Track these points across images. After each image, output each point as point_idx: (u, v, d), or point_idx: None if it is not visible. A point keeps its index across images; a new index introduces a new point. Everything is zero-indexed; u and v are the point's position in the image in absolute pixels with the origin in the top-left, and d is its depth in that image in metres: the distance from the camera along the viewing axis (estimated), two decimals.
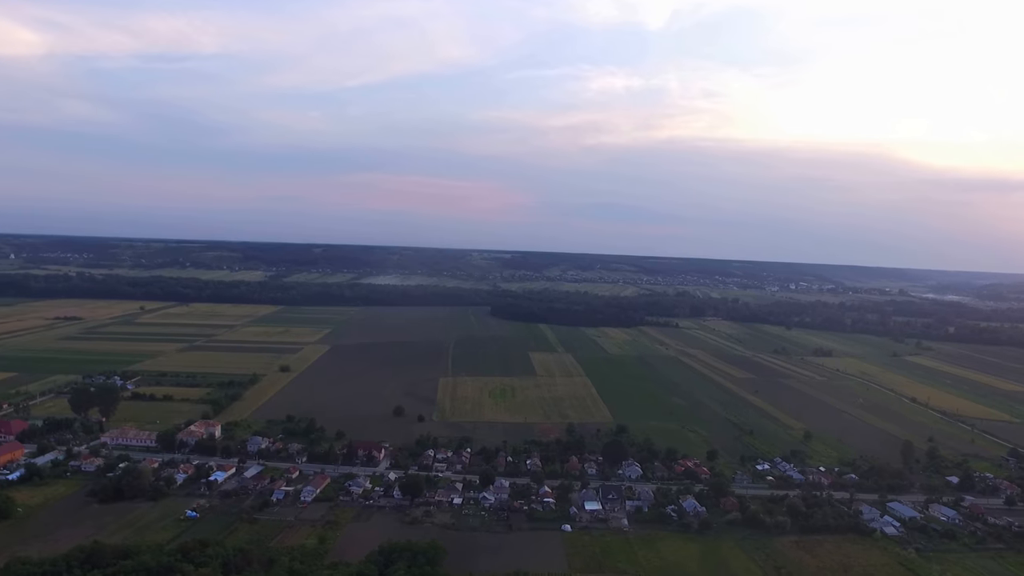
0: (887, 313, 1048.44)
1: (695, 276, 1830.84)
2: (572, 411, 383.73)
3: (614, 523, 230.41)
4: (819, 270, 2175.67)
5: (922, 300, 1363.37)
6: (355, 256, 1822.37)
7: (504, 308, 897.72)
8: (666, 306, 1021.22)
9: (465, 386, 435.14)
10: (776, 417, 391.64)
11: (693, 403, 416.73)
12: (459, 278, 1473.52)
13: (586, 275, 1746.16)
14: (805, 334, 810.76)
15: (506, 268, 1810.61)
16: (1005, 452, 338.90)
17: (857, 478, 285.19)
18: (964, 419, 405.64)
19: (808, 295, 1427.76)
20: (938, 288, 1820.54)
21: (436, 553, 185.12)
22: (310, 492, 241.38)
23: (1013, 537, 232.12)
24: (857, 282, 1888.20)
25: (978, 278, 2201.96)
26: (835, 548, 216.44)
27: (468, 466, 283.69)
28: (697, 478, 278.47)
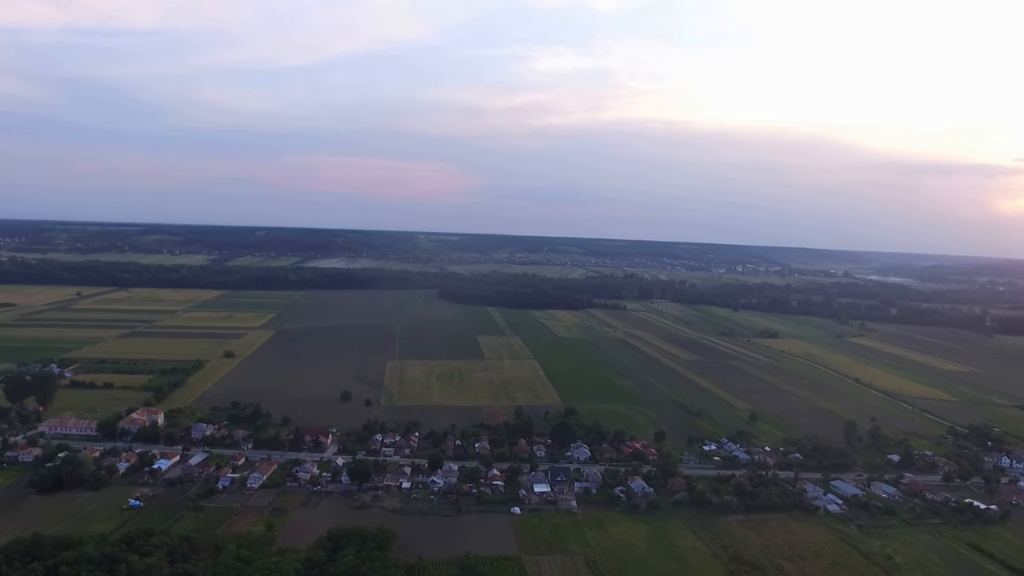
0: (832, 295, 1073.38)
1: (643, 258, 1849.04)
2: (520, 394, 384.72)
3: (563, 505, 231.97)
4: (766, 252, 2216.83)
5: (866, 282, 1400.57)
6: (299, 239, 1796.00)
7: (451, 291, 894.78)
8: (614, 288, 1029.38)
9: (413, 370, 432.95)
10: (723, 398, 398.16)
11: (641, 385, 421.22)
12: (406, 261, 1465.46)
13: (534, 257, 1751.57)
14: (751, 316, 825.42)
15: (453, 251, 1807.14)
16: (944, 430, 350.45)
17: (802, 457, 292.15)
18: (905, 399, 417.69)
19: (755, 277, 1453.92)
20: (882, 270, 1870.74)
21: (385, 537, 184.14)
22: (257, 479, 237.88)
23: (950, 512, 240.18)
24: (803, 264, 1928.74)
25: (920, 260, 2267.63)
26: (780, 526, 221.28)
27: (416, 450, 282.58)
28: (645, 459, 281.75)
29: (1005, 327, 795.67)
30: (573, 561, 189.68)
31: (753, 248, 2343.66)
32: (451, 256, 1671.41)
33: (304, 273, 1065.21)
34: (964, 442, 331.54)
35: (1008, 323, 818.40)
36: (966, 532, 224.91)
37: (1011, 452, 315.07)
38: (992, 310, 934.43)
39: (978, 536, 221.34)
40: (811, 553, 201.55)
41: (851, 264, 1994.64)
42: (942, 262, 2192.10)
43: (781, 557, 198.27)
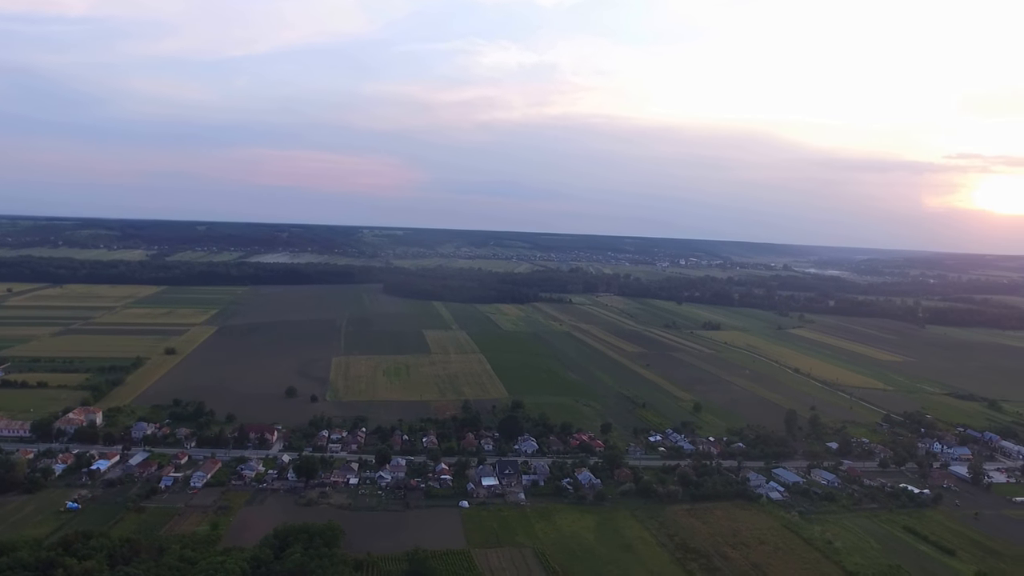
0: (772, 288, 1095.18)
1: (588, 252, 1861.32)
2: (468, 388, 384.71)
3: (511, 497, 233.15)
4: (708, 246, 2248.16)
5: (805, 275, 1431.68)
6: (242, 234, 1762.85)
7: (397, 286, 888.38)
8: (559, 282, 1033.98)
9: (359, 365, 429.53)
10: (667, 390, 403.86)
11: (587, 378, 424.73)
12: (350, 256, 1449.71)
13: (480, 252, 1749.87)
14: (695, 308, 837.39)
15: (399, 245, 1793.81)
16: (879, 418, 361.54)
17: (744, 447, 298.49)
18: (843, 388, 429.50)
19: (697, 270, 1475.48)
20: (820, 263, 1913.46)
21: (333, 534, 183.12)
22: (200, 477, 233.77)
23: (886, 497, 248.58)
24: (744, 257, 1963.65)
25: (857, 254, 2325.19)
26: (724, 514, 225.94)
27: (364, 446, 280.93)
28: (592, 451, 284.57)
29: (936, 318, 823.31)
30: (522, 554, 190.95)
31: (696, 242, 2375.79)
32: (396, 251, 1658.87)
33: (247, 268, 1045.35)
34: (899, 429, 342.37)
35: (938, 314, 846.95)
36: (901, 516, 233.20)
37: (942, 438, 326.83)
38: (924, 302, 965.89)
39: (912, 519, 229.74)
40: (754, 540, 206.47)
41: (790, 257, 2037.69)
42: (877, 255, 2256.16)
43: (726, 544, 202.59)
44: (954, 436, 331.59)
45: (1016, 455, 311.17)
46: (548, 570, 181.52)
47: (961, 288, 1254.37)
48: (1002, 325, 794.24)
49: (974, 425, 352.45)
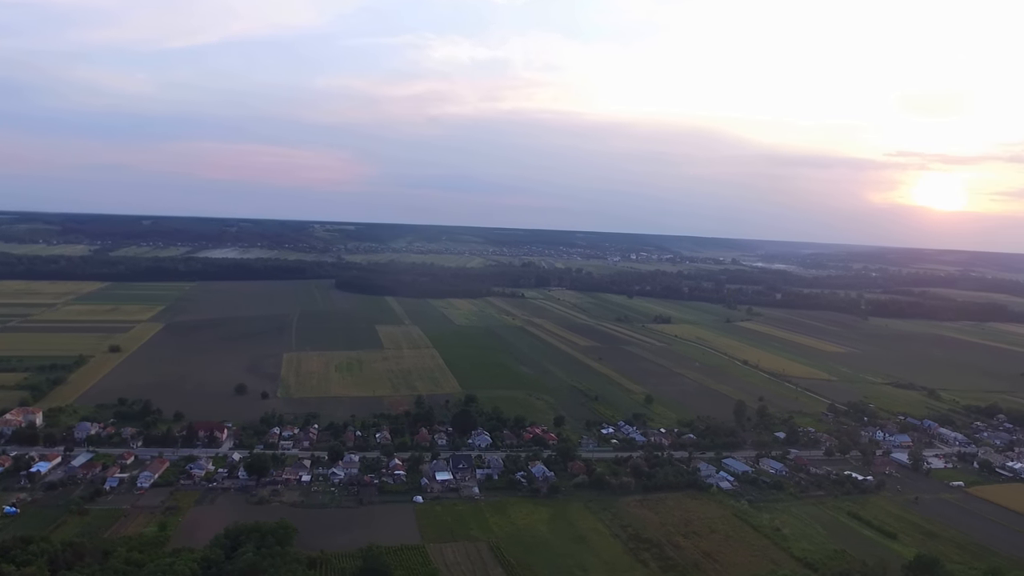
0: (721, 281, 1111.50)
1: (540, 247, 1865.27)
2: (420, 383, 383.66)
3: (465, 492, 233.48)
4: (658, 240, 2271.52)
5: (752, 269, 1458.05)
6: (189, 228, 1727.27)
7: (349, 281, 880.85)
8: (512, 276, 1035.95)
9: (310, 361, 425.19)
10: (619, 382, 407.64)
11: (540, 371, 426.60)
12: (301, 251, 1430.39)
13: (432, 246, 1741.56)
14: (646, 302, 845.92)
15: (350, 240, 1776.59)
16: (825, 408, 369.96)
17: (695, 437, 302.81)
18: (790, 379, 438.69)
19: (648, 265, 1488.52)
20: (767, 257, 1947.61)
21: (286, 532, 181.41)
22: (147, 478, 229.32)
23: (831, 484, 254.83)
24: (693, 252, 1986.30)
25: (802, 248, 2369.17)
26: (676, 504, 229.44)
27: (316, 442, 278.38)
28: (545, 444, 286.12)
29: (878, 310, 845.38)
30: (477, 548, 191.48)
31: (646, 236, 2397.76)
32: (348, 245, 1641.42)
33: (195, 264, 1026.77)
34: (843, 418, 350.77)
35: (880, 306, 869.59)
36: (846, 502, 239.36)
37: (884, 426, 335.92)
38: (866, 294, 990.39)
39: (856, 505, 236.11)
40: (705, 529, 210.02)
41: (738, 252, 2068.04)
42: (821, 250, 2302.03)
43: (677, 534, 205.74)
44: (895, 424, 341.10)
45: (953, 441, 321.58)
46: (503, 563, 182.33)
47: (902, 281, 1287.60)
48: (940, 317, 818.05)
49: (914, 413, 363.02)
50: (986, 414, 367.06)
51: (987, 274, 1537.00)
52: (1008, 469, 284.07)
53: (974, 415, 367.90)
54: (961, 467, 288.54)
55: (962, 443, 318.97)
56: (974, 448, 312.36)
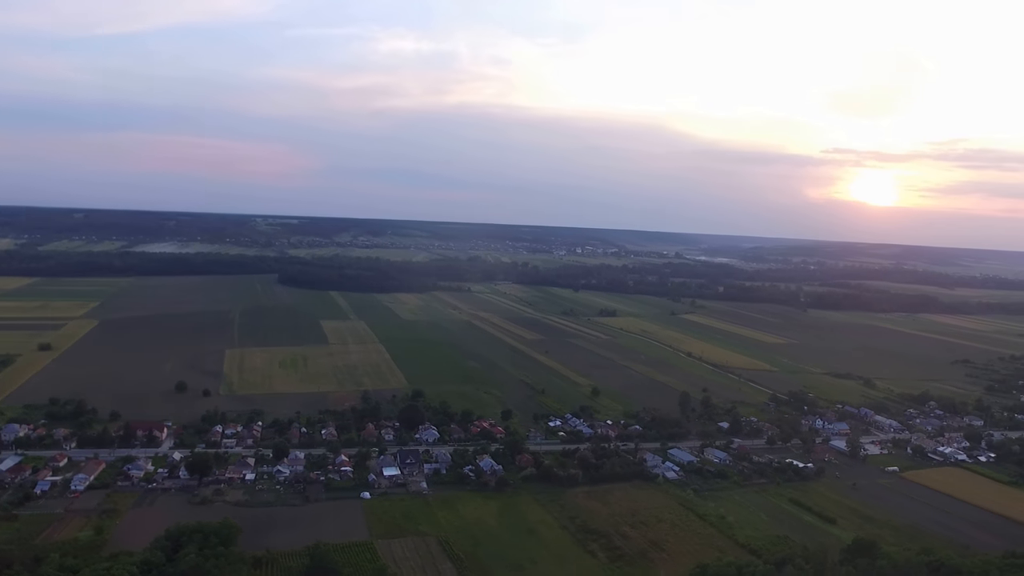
0: (665, 275, 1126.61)
1: (486, 241, 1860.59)
2: (367, 378, 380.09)
3: (413, 487, 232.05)
4: (603, 234, 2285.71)
5: (696, 262, 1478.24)
6: (125, 222, 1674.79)
7: (293, 275, 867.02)
8: (458, 271, 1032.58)
9: (253, 357, 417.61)
10: (566, 375, 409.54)
11: (487, 365, 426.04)
12: (243, 245, 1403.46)
13: (378, 241, 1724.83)
14: (591, 296, 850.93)
15: (294, 234, 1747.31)
16: (766, 398, 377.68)
17: (641, 429, 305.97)
18: (732, 370, 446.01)
19: (593, 258, 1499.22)
20: (709, 251, 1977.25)
21: (230, 531, 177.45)
22: (82, 480, 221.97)
23: (773, 472, 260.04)
24: (638, 246, 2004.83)
25: (743, 242, 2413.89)
26: (623, 495, 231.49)
27: (260, 440, 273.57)
28: (493, 437, 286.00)
29: (816, 302, 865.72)
30: (426, 542, 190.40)
31: (592, 230, 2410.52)
32: (291, 240, 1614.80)
33: (131, 258, 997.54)
34: (784, 408, 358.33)
35: (819, 298, 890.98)
36: (788, 489, 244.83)
37: (823, 415, 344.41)
38: (805, 287, 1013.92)
39: (798, 492, 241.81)
40: (652, 518, 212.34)
41: (682, 245, 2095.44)
42: (762, 243, 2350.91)
43: (625, 524, 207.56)
44: (834, 413, 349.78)
45: (888, 428, 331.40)
46: (452, 557, 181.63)
47: (839, 274, 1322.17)
48: (874, 308, 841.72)
49: (851, 402, 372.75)
50: (918, 401, 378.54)
51: (918, 267, 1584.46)
52: (939, 454, 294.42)
53: (907, 403, 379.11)
54: (896, 453, 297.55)
55: (896, 430, 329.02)
56: (907, 434, 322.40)
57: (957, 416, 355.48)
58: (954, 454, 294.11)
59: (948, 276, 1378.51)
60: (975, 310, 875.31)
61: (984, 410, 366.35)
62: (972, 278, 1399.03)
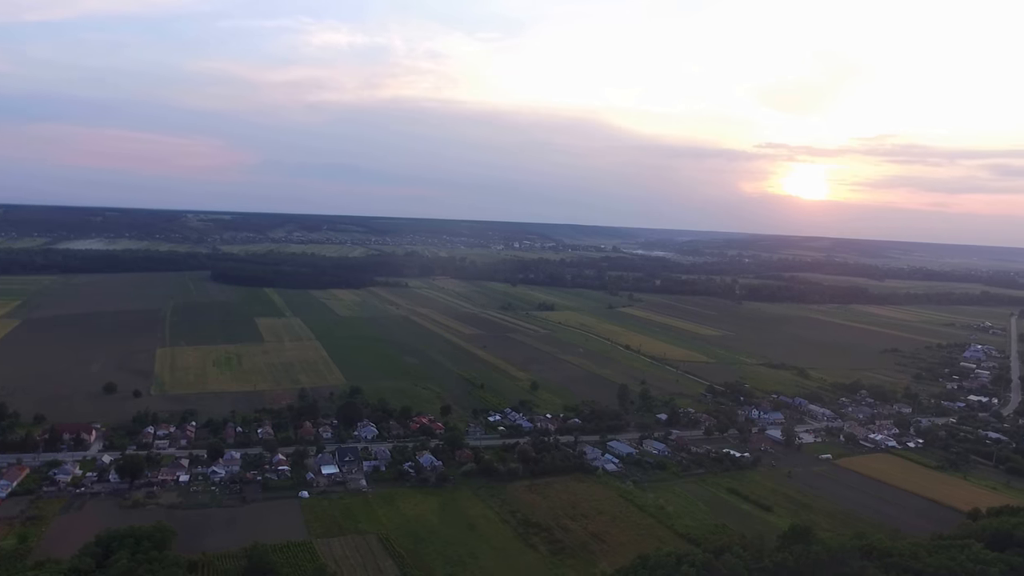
0: (603, 268, 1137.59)
1: (423, 236, 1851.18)
2: (303, 376, 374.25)
3: (353, 485, 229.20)
4: (541, 229, 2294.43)
5: (633, 256, 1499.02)
6: (48, 218, 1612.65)
7: (226, 272, 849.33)
8: (395, 266, 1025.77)
9: (186, 356, 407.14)
10: (505, 370, 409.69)
11: (425, 361, 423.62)
12: (174, 241, 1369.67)
13: (313, 236, 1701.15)
14: (529, 290, 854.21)
15: (226, 230, 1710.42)
16: (703, 389, 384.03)
17: (580, 422, 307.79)
18: (670, 362, 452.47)
19: (531, 253, 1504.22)
20: (646, 245, 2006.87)
21: (163, 535, 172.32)
22: (4, 486, 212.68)
23: (711, 462, 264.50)
24: (575, 240, 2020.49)
25: (679, 235, 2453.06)
26: (564, 488, 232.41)
27: (194, 440, 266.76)
28: (432, 433, 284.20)
29: (751, 294, 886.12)
30: (366, 540, 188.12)
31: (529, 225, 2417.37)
32: (224, 236, 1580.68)
33: (55, 256, 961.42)
34: (721, 398, 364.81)
35: (753, 291, 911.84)
36: (725, 479, 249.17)
37: (759, 405, 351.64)
38: (740, 279, 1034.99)
39: (735, 481, 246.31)
40: (593, 511, 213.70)
41: (619, 239, 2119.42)
42: (698, 237, 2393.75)
43: (566, 517, 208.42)
44: (769, 402, 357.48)
45: (821, 417, 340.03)
46: (393, 555, 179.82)
47: (772, 267, 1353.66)
48: (807, 300, 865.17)
49: (786, 391, 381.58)
50: (850, 390, 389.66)
51: (849, 259, 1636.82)
52: (870, 441, 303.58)
53: (840, 391, 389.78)
54: (829, 441, 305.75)
55: (829, 418, 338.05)
56: (840, 422, 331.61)
57: (887, 404, 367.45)
58: (884, 441, 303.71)
59: (877, 268, 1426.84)
60: (903, 301, 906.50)
61: (912, 398, 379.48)
62: (900, 270, 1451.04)
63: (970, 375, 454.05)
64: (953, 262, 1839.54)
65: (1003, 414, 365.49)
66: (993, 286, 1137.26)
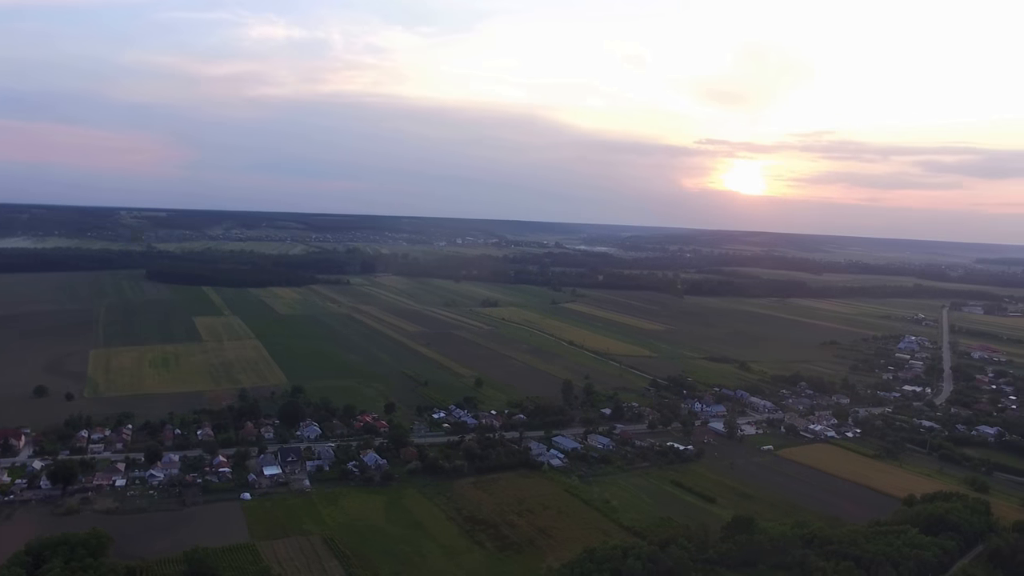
0: (546, 264, 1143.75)
1: (365, 232, 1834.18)
2: (244, 376, 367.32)
3: (296, 485, 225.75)
4: (484, 225, 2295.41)
5: (576, 252, 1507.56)
6: None
7: (162, 271, 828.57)
8: (337, 263, 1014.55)
9: (121, 357, 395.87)
10: (449, 367, 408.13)
11: (368, 359, 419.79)
12: (107, 239, 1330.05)
13: (252, 233, 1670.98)
14: (473, 286, 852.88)
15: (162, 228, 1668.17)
16: (647, 383, 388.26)
17: (525, 418, 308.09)
18: (613, 357, 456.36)
19: (474, 249, 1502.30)
20: (589, 240, 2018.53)
21: (99, 542, 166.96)
22: None
23: (655, 455, 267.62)
24: (518, 236, 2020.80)
25: (622, 231, 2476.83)
26: (509, 484, 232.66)
27: (131, 444, 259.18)
28: (377, 432, 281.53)
29: (692, 289, 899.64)
30: (310, 541, 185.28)
31: (472, 221, 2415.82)
32: (160, 233, 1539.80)
33: None
34: (664, 392, 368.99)
35: (695, 285, 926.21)
36: (669, 471, 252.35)
37: (701, 398, 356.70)
38: (682, 274, 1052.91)
39: (679, 474, 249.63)
40: (539, 506, 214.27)
41: (562, 235, 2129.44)
42: (640, 232, 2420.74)
43: (512, 513, 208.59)
44: (711, 395, 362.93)
45: (762, 409, 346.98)
46: (338, 555, 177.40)
47: (713, 261, 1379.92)
48: (747, 293, 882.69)
49: (728, 384, 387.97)
50: (790, 382, 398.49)
51: (787, 254, 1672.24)
52: (810, 431, 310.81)
53: (780, 384, 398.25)
54: (770, 432, 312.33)
55: (770, 410, 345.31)
56: (781, 414, 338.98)
57: (826, 395, 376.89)
58: (824, 431, 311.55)
59: (815, 262, 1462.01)
60: (840, 294, 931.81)
61: (850, 388, 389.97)
62: (837, 263, 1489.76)
63: (904, 366, 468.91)
64: (887, 256, 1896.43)
65: (936, 403, 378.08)
66: (925, 279, 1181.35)
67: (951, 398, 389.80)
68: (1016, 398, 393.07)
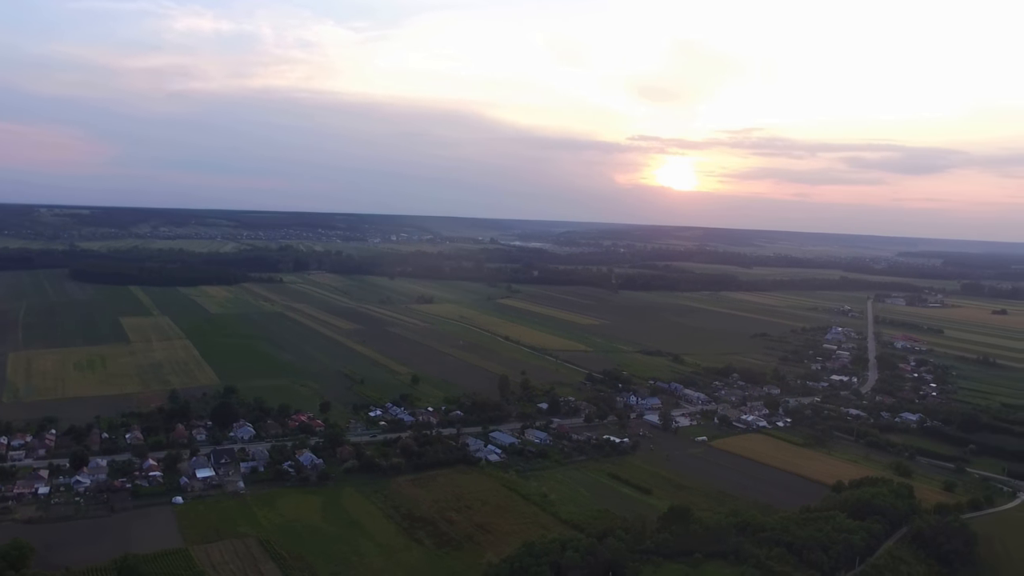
0: (481, 260, 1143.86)
1: (298, 229, 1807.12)
2: (174, 377, 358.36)
3: (230, 487, 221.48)
4: (418, 221, 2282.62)
5: (510, 247, 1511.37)
6: None
7: (85, 270, 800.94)
8: (269, 261, 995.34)
9: (43, 360, 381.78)
10: (385, 364, 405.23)
11: (303, 358, 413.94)
12: (25, 238, 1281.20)
13: (180, 231, 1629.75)
14: (408, 283, 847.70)
15: (85, 225, 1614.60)
16: (583, 377, 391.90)
17: (462, 414, 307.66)
18: (549, 352, 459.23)
19: (409, 245, 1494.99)
20: (524, 236, 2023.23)
21: (20, 553, 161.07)
22: None
23: (592, 449, 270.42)
24: (453, 232, 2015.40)
25: (556, 227, 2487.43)
26: (447, 480, 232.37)
27: (54, 449, 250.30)
28: (312, 431, 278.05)
29: (626, 283, 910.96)
30: (245, 544, 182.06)
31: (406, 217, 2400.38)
32: (82, 232, 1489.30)
33: None
34: (600, 386, 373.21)
35: (629, 280, 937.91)
36: (606, 464, 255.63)
37: (637, 391, 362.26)
38: (616, 269, 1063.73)
39: (615, 466, 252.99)
40: (477, 502, 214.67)
41: (496, 231, 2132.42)
42: (574, 228, 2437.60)
43: (450, 509, 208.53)
44: (646, 388, 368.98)
45: (696, 401, 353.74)
46: (275, 557, 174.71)
47: (647, 256, 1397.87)
48: (681, 288, 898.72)
49: (662, 377, 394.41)
50: (723, 374, 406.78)
51: (719, 248, 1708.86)
52: (742, 422, 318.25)
53: (713, 376, 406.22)
54: (704, 423, 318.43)
55: (704, 402, 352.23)
56: (714, 405, 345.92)
57: (757, 386, 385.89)
58: (756, 421, 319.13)
59: (745, 256, 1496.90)
60: (770, 287, 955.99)
61: (780, 379, 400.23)
62: (766, 257, 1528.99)
63: (832, 356, 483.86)
64: (815, 250, 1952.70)
65: (862, 392, 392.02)
66: (851, 272, 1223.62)
67: (876, 387, 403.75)
68: (936, 385, 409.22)
